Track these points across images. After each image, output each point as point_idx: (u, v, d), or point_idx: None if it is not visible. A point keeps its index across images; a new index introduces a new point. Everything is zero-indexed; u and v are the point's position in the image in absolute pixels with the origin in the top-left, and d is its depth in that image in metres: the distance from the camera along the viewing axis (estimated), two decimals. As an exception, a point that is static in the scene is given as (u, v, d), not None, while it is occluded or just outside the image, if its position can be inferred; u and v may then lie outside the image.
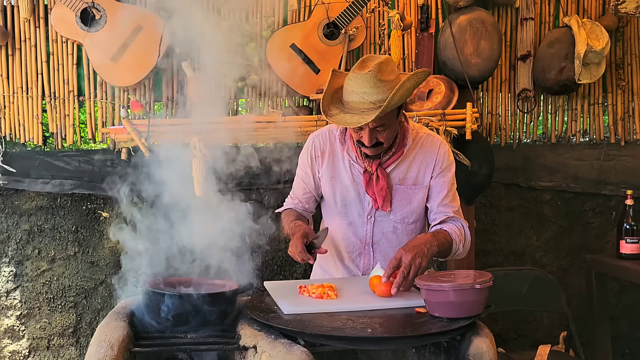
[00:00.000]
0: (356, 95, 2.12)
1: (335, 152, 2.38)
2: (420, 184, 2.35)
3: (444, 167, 2.35)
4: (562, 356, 3.19)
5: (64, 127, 3.42)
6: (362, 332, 1.78)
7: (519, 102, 3.67)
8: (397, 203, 2.34)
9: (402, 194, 2.34)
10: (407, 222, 2.37)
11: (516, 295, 3.19)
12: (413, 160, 2.34)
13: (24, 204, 3.47)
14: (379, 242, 2.37)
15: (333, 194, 2.38)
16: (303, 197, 2.46)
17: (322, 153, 2.38)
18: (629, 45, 3.78)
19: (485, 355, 1.81)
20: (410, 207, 2.35)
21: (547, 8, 3.69)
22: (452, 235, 2.26)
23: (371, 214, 2.35)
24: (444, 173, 2.35)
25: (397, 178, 2.33)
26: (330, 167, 2.37)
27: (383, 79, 2.09)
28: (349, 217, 2.38)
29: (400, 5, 3.52)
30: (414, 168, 2.34)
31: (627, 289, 3.88)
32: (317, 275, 2.55)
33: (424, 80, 2.28)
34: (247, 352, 1.82)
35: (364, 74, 2.09)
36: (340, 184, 2.37)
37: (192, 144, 3.08)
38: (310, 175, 2.41)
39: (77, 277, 3.51)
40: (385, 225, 2.36)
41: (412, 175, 2.34)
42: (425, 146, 2.35)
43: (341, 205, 2.37)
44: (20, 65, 3.38)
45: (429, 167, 2.34)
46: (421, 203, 2.36)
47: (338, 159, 2.37)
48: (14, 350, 3.49)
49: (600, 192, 3.84)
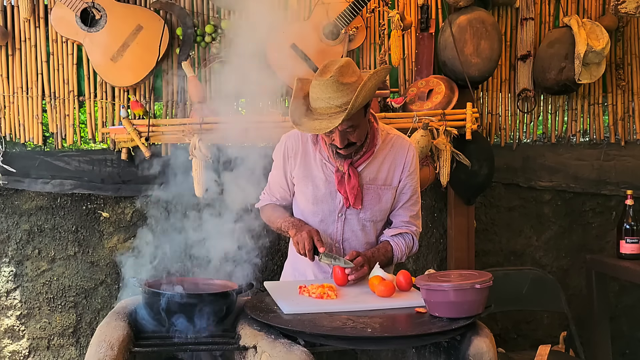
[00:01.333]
0: (322, 101, 2.19)
1: (307, 152, 2.43)
2: (390, 185, 2.42)
3: (412, 170, 2.45)
4: (562, 356, 3.19)
5: (64, 127, 3.42)
6: (362, 332, 1.78)
7: (519, 102, 3.67)
8: (368, 201, 2.41)
9: (373, 193, 2.41)
10: (375, 220, 2.45)
11: (516, 295, 3.19)
12: (383, 160, 2.41)
13: (24, 204, 3.47)
14: (349, 239, 2.44)
15: (305, 193, 2.44)
16: (280, 196, 2.54)
17: (294, 154, 2.44)
18: (629, 45, 3.78)
19: (485, 355, 1.81)
20: (379, 205, 2.43)
21: (547, 8, 3.69)
22: (394, 252, 2.44)
23: (342, 212, 2.42)
24: (412, 176, 2.45)
25: (367, 177, 2.39)
26: (303, 166, 2.43)
27: (345, 82, 2.15)
28: (320, 215, 2.43)
29: (400, 5, 3.52)
30: (384, 168, 2.41)
31: (627, 289, 3.88)
32: (288, 276, 2.60)
33: (386, 76, 2.31)
34: (247, 352, 1.82)
35: (326, 80, 2.16)
36: (313, 183, 2.42)
37: (192, 144, 3.09)
38: (283, 175, 2.48)
39: (77, 277, 3.51)
40: (355, 223, 2.43)
41: (382, 175, 2.41)
42: (396, 147, 2.43)
43: (313, 203, 2.43)
44: (20, 65, 3.38)
45: (399, 169, 2.42)
46: (389, 202, 2.45)
47: (310, 158, 2.43)
48: (14, 350, 3.49)
49: (600, 192, 3.84)
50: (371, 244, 2.46)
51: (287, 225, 2.40)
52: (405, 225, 2.48)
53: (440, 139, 3.20)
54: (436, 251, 3.75)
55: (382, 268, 2.25)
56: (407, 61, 3.55)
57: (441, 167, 3.25)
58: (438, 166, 3.26)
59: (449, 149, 3.22)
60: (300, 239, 2.28)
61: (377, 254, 2.38)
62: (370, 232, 2.46)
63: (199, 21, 3.42)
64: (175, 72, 3.39)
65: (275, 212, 2.51)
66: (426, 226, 3.72)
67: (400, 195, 2.45)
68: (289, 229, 2.38)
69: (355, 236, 2.44)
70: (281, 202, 2.55)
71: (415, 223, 2.50)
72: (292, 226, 2.37)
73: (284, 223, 2.42)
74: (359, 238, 2.44)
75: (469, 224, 3.58)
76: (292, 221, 2.41)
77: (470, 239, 3.58)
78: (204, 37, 3.37)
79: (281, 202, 2.55)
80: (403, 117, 3.24)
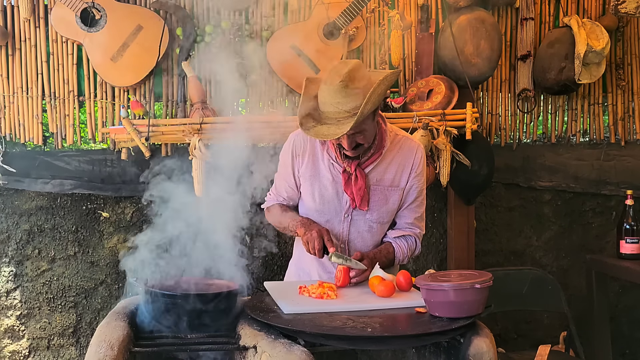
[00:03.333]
0: (330, 105, 2.17)
1: (315, 151, 2.42)
2: (397, 186, 2.41)
3: (419, 171, 2.43)
4: (562, 356, 3.19)
5: (64, 127, 3.42)
6: (362, 332, 1.78)
7: (519, 102, 3.67)
8: (374, 203, 2.39)
9: (379, 194, 2.39)
10: (381, 222, 2.43)
11: (516, 295, 3.19)
12: (391, 161, 2.39)
13: (24, 204, 3.47)
14: (354, 240, 2.43)
15: (312, 192, 2.42)
16: (286, 194, 2.51)
17: (302, 152, 2.43)
18: (629, 45, 3.78)
19: (485, 355, 1.81)
20: (386, 207, 2.42)
21: (547, 8, 3.69)
22: (396, 254, 2.44)
23: (348, 213, 2.40)
24: (419, 178, 2.44)
25: (374, 179, 2.38)
26: (310, 166, 2.42)
27: (354, 87, 2.13)
28: (326, 215, 2.42)
29: (400, 5, 3.52)
30: (392, 170, 2.40)
31: (627, 289, 3.88)
32: (292, 276, 2.59)
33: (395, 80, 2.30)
34: (247, 352, 1.82)
35: (335, 85, 2.13)
36: (320, 183, 2.41)
37: (192, 144, 3.09)
38: (291, 173, 2.46)
39: (77, 277, 3.51)
40: (362, 224, 2.42)
41: (389, 177, 2.40)
42: (404, 149, 2.42)
43: (319, 203, 2.41)
44: (20, 65, 3.38)
45: (407, 170, 2.41)
46: (396, 204, 2.44)
47: (318, 158, 2.42)
48: (14, 350, 3.49)
49: (600, 192, 3.84)
50: (377, 245, 2.45)
51: (295, 224, 2.38)
52: (409, 228, 2.47)
53: (440, 139, 3.20)
54: (436, 251, 3.75)
55: (384, 269, 2.25)
56: (407, 61, 3.55)
57: (441, 167, 3.25)
58: (438, 166, 3.26)
59: (449, 149, 3.23)
60: (310, 238, 2.27)
61: (378, 255, 2.37)
62: (377, 233, 2.44)
63: (199, 21, 3.42)
64: (176, 72, 3.39)
65: (282, 212, 2.48)
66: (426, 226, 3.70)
67: (406, 196, 2.43)
68: (298, 228, 2.36)
69: (361, 237, 2.42)
70: (288, 202, 2.52)
71: (419, 225, 2.49)
72: (301, 225, 2.35)
73: (292, 222, 2.40)
74: (365, 239, 2.43)
75: (469, 224, 3.59)
76: (300, 220, 2.39)
77: (470, 239, 3.58)
78: (204, 37, 3.37)
79: (288, 202, 2.52)
80: (403, 117, 3.23)
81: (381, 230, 2.45)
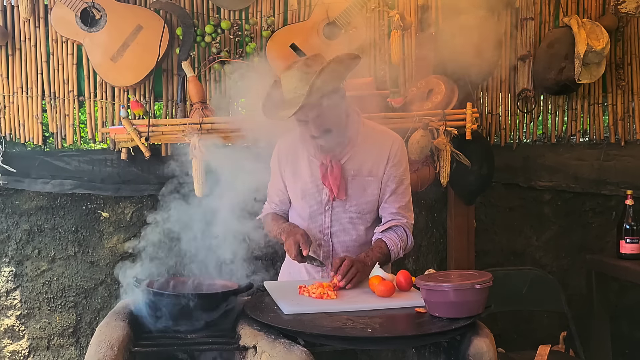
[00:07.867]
0: (290, 92, 2.27)
1: (296, 150, 2.52)
2: (375, 175, 2.46)
3: (396, 161, 2.47)
4: (562, 356, 3.19)
5: (64, 127, 3.42)
6: (362, 332, 1.78)
7: (519, 102, 3.66)
8: (353, 193, 2.45)
9: (357, 185, 2.46)
10: (362, 212, 2.48)
11: (516, 295, 3.19)
12: (368, 152, 2.46)
13: (24, 204, 3.47)
14: (336, 232, 2.49)
15: (295, 190, 2.52)
16: (278, 200, 2.60)
17: (286, 154, 2.54)
18: (629, 45, 3.77)
19: (485, 355, 1.81)
20: (365, 197, 2.46)
21: (547, 8, 3.69)
22: (389, 247, 2.42)
23: (329, 205, 2.47)
24: (396, 167, 2.47)
25: (352, 170, 2.45)
26: (293, 164, 2.52)
27: (309, 71, 2.21)
28: (308, 209, 2.50)
29: (400, 5, 3.51)
30: (369, 160, 2.46)
31: (627, 289, 3.87)
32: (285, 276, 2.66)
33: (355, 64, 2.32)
34: (247, 352, 1.82)
35: (291, 71, 2.25)
36: (301, 180, 2.50)
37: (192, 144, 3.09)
38: (279, 176, 2.56)
39: (77, 277, 3.51)
40: (342, 215, 2.47)
41: (366, 167, 2.46)
42: (380, 141, 2.48)
43: (302, 198, 2.50)
44: (20, 65, 3.38)
45: (382, 160, 2.46)
46: (375, 194, 2.48)
47: (298, 156, 2.51)
48: (14, 350, 3.49)
49: (600, 192, 3.84)
50: (359, 237, 2.49)
51: (279, 232, 2.47)
52: (395, 218, 2.47)
53: (440, 139, 3.20)
54: (436, 251, 3.75)
55: (382, 266, 2.25)
56: (407, 61, 3.55)
57: (441, 167, 3.25)
58: (438, 166, 3.27)
59: (449, 149, 3.22)
60: (288, 246, 2.34)
61: (371, 254, 2.38)
62: (358, 224, 2.48)
63: (199, 21, 3.42)
64: (175, 72, 3.39)
65: (271, 221, 2.56)
66: (426, 226, 3.73)
67: (385, 186, 2.47)
68: (282, 235, 2.44)
69: (343, 229, 2.48)
70: (280, 207, 2.60)
71: (405, 215, 2.49)
72: (284, 232, 2.43)
73: (277, 230, 2.49)
74: (347, 231, 2.48)
75: (469, 224, 3.58)
76: (284, 227, 2.46)
77: (470, 239, 3.58)
78: (204, 37, 3.37)
79: (280, 207, 2.60)
80: (403, 117, 3.23)
81: (362, 221, 2.49)
